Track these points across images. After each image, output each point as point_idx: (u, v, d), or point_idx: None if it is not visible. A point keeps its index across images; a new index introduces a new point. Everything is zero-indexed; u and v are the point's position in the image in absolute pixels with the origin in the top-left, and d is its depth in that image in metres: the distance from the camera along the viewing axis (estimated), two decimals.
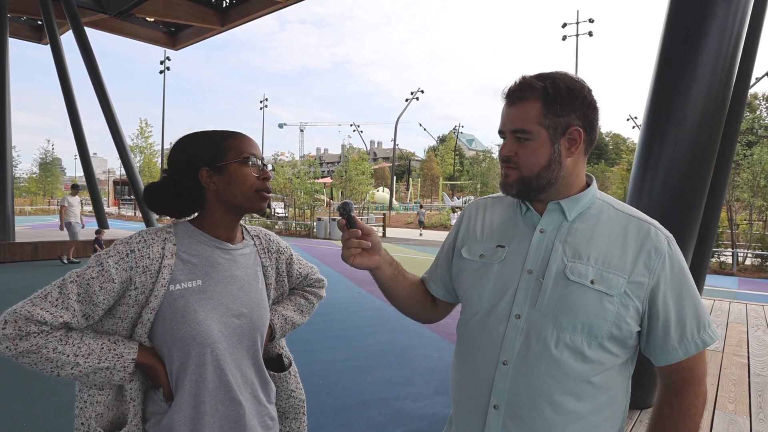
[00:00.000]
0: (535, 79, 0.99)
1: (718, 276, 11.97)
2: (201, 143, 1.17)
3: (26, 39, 17.55)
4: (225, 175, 1.14)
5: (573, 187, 1.02)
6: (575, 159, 1.01)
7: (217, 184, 1.15)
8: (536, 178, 0.99)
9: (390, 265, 1.13)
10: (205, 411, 1.09)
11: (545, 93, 0.97)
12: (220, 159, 1.14)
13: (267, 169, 1.21)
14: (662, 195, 2.56)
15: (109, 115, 13.09)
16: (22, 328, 0.95)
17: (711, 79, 2.46)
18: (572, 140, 0.99)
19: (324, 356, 4.78)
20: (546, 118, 0.97)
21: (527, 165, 0.99)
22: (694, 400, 0.97)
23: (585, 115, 0.99)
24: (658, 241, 0.96)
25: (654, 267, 0.94)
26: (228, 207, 1.17)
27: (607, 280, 0.94)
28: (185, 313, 1.08)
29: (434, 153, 65.04)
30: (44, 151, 50.65)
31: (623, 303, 0.93)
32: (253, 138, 1.23)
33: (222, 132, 1.19)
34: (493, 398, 0.98)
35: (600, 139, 54.55)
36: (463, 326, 1.09)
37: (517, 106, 0.99)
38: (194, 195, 1.17)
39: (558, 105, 0.97)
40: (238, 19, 14.71)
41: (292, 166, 31.99)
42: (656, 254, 0.95)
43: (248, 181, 1.15)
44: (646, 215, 1.02)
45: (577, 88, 0.98)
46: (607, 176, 31.64)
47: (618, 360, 0.97)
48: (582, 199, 1.02)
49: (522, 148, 0.99)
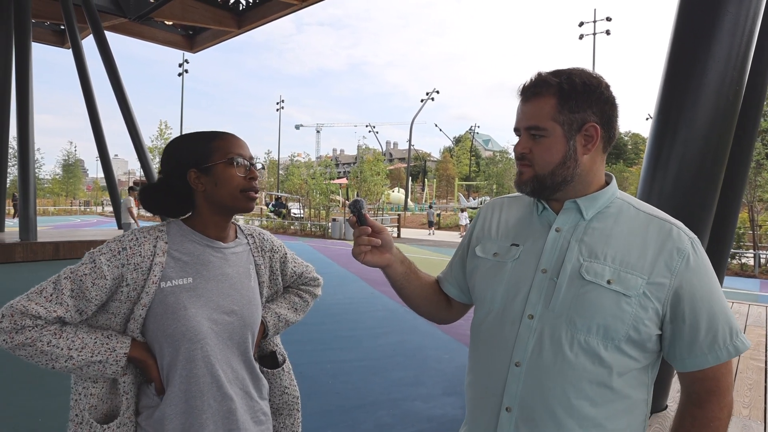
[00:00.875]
0: (550, 75, 0.97)
1: (739, 278, 11.68)
2: (189, 145, 1.20)
3: (50, 43, 17.99)
4: (212, 176, 1.17)
5: (591, 186, 0.99)
6: (592, 156, 0.98)
7: (205, 184, 1.17)
8: (551, 176, 0.97)
9: (402, 263, 1.13)
10: (195, 405, 1.11)
11: (560, 89, 0.94)
12: (207, 160, 1.17)
13: (254, 168, 1.22)
14: (673, 194, 2.52)
15: (128, 118, 13.34)
16: (18, 322, 0.98)
17: (722, 77, 2.41)
18: (588, 137, 0.96)
19: (334, 356, 4.79)
20: (561, 114, 0.94)
21: (542, 162, 0.97)
22: (718, 413, 0.93)
23: (602, 111, 0.96)
24: (681, 242, 0.92)
25: (676, 268, 0.90)
26: (216, 207, 1.19)
27: (625, 281, 0.90)
28: (175, 309, 1.10)
29: (450, 153, 64.83)
30: (67, 152, 51.82)
31: (642, 304, 0.90)
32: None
33: (209, 133, 1.21)
34: (506, 400, 0.96)
35: (619, 138, 53.98)
36: (477, 327, 1.08)
37: (532, 102, 0.97)
38: (185, 196, 1.20)
39: (573, 101, 0.94)
40: (254, 22, 14.88)
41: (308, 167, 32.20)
42: (678, 255, 0.91)
43: (234, 181, 1.17)
44: (668, 215, 0.98)
45: (594, 84, 0.96)
46: (626, 176, 31.13)
47: (637, 364, 0.93)
48: (600, 197, 0.99)
49: (536, 145, 0.97)
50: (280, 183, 45.44)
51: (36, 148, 11.91)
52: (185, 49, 18.16)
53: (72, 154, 52.45)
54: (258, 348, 1.33)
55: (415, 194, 53.86)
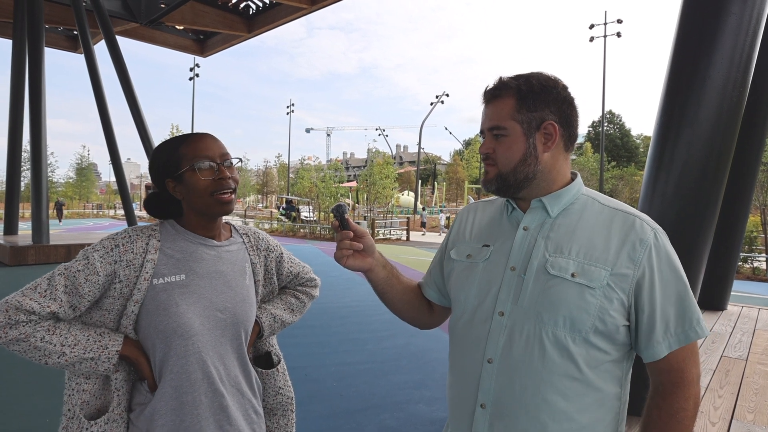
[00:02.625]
0: (510, 78, 1.02)
1: (751, 282, 11.49)
2: (161, 155, 1.21)
3: (63, 49, 18.28)
4: (184, 183, 1.17)
5: (555, 183, 1.02)
6: (553, 154, 1.01)
7: (182, 192, 1.19)
8: (513, 173, 1.00)
9: (384, 267, 1.15)
10: (186, 401, 1.12)
11: (518, 90, 0.99)
12: (178, 168, 1.17)
13: (224, 167, 1.18)
14: (675, 196, 2.50)
15: (139, 122, 13.50)
16: (12, 317, 1.00)
17: (726, 79, 2.39)
18: (548, 135, 0.99)
19: (338, 359, 4.80)
20: (519, 113, 0.98)
21: (503, 160, 1.00)
22: (683, 403, 0.94)
23: (560, 110, 1.00)
24: (644, 233, 0.94)
25: (639, 259, 0.92)
26: (197, 212, 1.21)
27: (589, 273, 0.93)
28: (167, 306, 1.12)
29: (459, 157, 64.68)
30: (80, 156, 52.50)
31: (606, 296, 0.91)
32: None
33: (177, 139, 1.21)
34: (480, 397, 0.98)
35: (630, 141, 53.89)
36: (453, 326, 1.10)
37: (493, 104, 1.02)
38: (174, 202, 1.23)
39: (531, 100, 0.98)
40: (264, 26, 15.00)
41: (318, 170, 32.32)
42: (641, 245, 0.93)
43: (200, 186, 1.16)
44: (633, 209, 1.00)
45: (551, 85, 1.00)
46: (637, 180, 30.82)
47: (607, 357, 0.95)
48: (565, 195, 1.02)
49: (499, 144, 1.01)
50: (290, 186, 45.69)
51: (50, 152, 12.13)
52: (196, 54, 18.36)
53: (85, 158, 53.13)
54: (252, 348, 1.35)
55: (425, 197, 53.83)
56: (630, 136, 53.84)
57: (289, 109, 50.24)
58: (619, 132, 53.04)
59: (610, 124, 52.43)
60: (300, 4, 13.02)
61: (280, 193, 42.50)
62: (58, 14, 14.72)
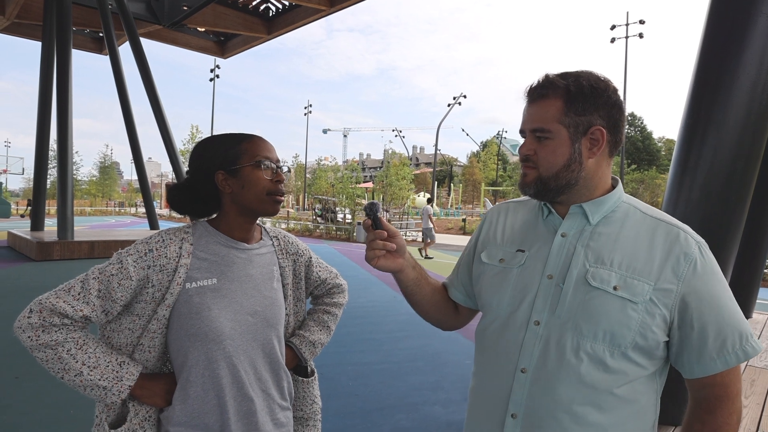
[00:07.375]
0: (558, 77, 0.96)
1: None
2: (217, 146, 1.20)
3: (90, 50, 18.73)
4: (239, 178, 1.17)
5: (596, 190, 0.99)
6: (598, 160, 0.97)
7: (232, 186, 1.18)
8: (555, 179, 0.96)
9: (413, 268, 1.12)
10: (216, 405, 1.12)
11: (567, 91, 0.94)
12: (235, 162, 1.18)
13: (281, 172, 1.23)
14: (700, 201, 2.44)
15: (161, 121, 13.75)
16: (46, 319, 1.00)
17: (755, 80, 2.33)
18: (594, 140, 0.95)
19: (354, 359, 4.81)
20: (567, 116, 0.94)
21: (546, 165, 0.96)
22: (727, 418, 0.92)
23: (609, 115, 0.95)
24: (688, 246, 0.91)
25: (683, 273, 0.89)
26: (242, 209, 1.20)
27: (632, 287, 0.89)
28: (200, 309, 1.11)
29: (476, 158, 64.34)
30: (103, 155, 53.50)
31: (648, 311, 0.89)
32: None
33: (237, 135, 1.22)
34: (511, 407, 0.95)
35: (652, 144, 53.00)
36: (482, 332, 1.07)
37: (538, 104, 0.97)
38: (211, 197, 1.21)
39: (580, 103, 0.93)
40: (284, 28, 15.15)
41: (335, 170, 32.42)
42: (685, 260, 0.90)
43: (260, 183, 1.18)
44: (676, 219, 0.96)
45: (602, 87, 0.95)
46: (658, 183, 30.28)
47: (644, 371, 0.92)
48: (606, 202, 0.98)
49: (541, 147, 0.97)
50: (306, 187, 45.90)
51: (75, 151, 12.41)
52: (217, 55, 18.65)
53: (108, 157, 54.08)
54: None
55: (441, 199, 53.64)
56: (651, 138, 52.98)
57: (307, 110, 50.53)
58: (641, 135, 52.23)
59: (631, 127, 51.64)
60: (319, 5, 13.13)
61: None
62: (84, 17, 15.09)
